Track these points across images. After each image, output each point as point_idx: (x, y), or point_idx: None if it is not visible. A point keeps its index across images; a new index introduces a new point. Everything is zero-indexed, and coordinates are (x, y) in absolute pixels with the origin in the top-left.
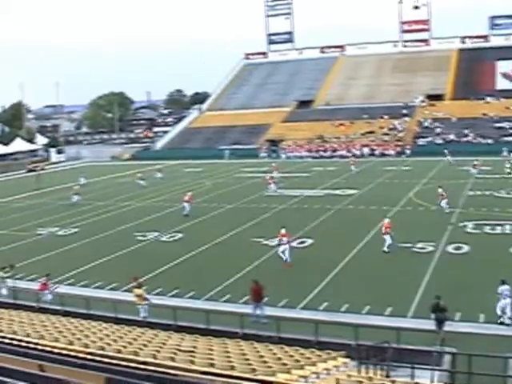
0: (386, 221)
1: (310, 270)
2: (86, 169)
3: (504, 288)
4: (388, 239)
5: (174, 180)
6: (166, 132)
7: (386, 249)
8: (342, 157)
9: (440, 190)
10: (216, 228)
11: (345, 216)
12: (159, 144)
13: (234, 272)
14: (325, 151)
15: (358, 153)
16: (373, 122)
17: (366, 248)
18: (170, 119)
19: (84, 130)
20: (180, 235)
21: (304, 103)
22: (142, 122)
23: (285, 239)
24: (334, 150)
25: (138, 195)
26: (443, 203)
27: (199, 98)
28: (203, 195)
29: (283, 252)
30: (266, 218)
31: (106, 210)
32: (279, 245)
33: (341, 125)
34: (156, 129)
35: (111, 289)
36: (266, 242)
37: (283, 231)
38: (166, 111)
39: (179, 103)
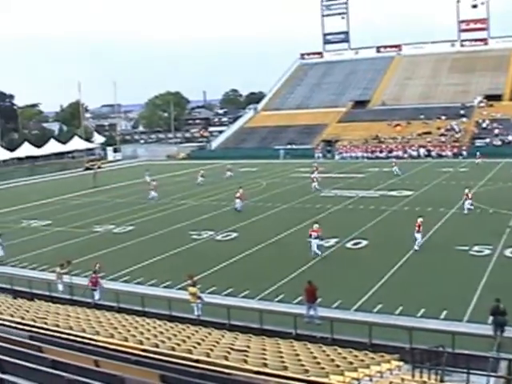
0: (419, 220)
1: (365, 271)
2: (142, 168)
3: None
4: (419, 238)
5: (230, 179)
6: (221, 131)
7: (416, 247)
8: (398, 157)
9: (466, 191)
10: (271, 228)
11: (400, 217)
12: (214, 143)
13: (288, 272)
14: (381, 152)
15: (414, 153)
16: (429, 122)
17: (422, 250)
18: (225, 119)
19: (140, 129)
20: (235, 234)
21: (360, 103)
22: (197, 121)
23: (314, 234)
24: (390, 151)
25: (194, 194)
26: (467, 203)
27: (254, 98)
28: (258, 195)
29: (314, 246)
30: (320, 218)
31: (162, 208)
32: (310, 237)
33: (397, 125)
34: (211, 128)
35: (166, 287)
36: (320, 243)
37: (316, 226)
38: (221, 111)
39: (235, 103)
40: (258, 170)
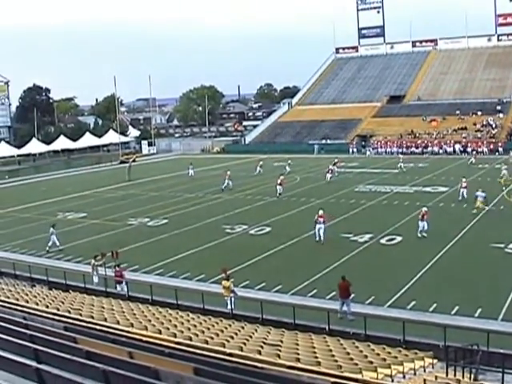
0: (424, 209)
1: (399, 267)
2: (175, 162)
3: None
4: (421, 226)
5: (263, 174)
6: (255, 126)
7: (419, 235)
8: (433, 153)
9: (464, 179)
10: (304, 222)
11: (435, 214)
12: (249, 138)
13: (321, 267)
14: (416, 147)
15: (450, 149)
16: (465, 118)
17: (457, 247)
18: (259, 113)
19: (175, 122)
20: (268, 229)
21: (395, 98)
22: (231, 115)
23: (321, 220)
24: (426, 146)
25: (228, 188)
26: (464, 191)
27: (289, 93)
28: (292, 189)
29: (319, 230)
30: (354, 213)
31: (196, 202)
32: (316, 223)
33: (432, 120)
34: (246, 123)
35: (199, 280)
36: (354, 238)
37: (321, 212)
38: (255, 105)
39: (269, 97)
40: (292, 164)
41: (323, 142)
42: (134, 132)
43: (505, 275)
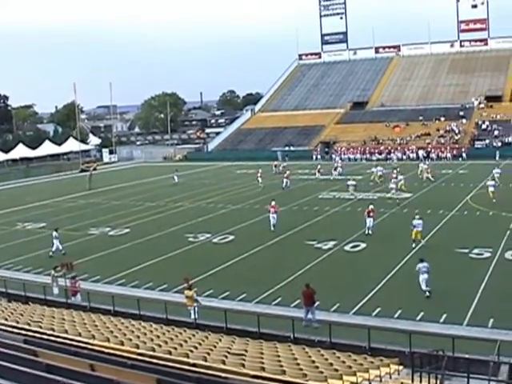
0: (370, 207)
1: (363, 274)
2: (137, 170)
3: (422, 265)
4: (368, 222)
5: (226, 181)
6: (218, 133)
7: (367, 231)
8: (397, 159)
9: (394, 171)
10: (268, 230)
11: (399, 220)
12: (211, 145)
13: (285, 275)
14: (379, 153)
15: (413, 155)
16: (429, 123)
17: (421, 253)
18: (222, 120)
19: (136, 130)
20: (231, 237)
21: (358, 104)
22: (194, 122)
23: (272, 210)
24: (389, 152)
25: (190, 196)
26: (392, 184)
27: (252, 99)
28: (255, 197)
29: (272, 220)
30: (318, 220)
31: (158, 210)
32: (269, 212)
33: (396, 127)
34: (208, 130)
35: (162, 290)
36: (318, 245)
37: (273, 203)
38: (218, 112)
39: (232, 104)
40: (256, 171)
41: (286, 148)
42: (94, 140)
43: (470, 280)
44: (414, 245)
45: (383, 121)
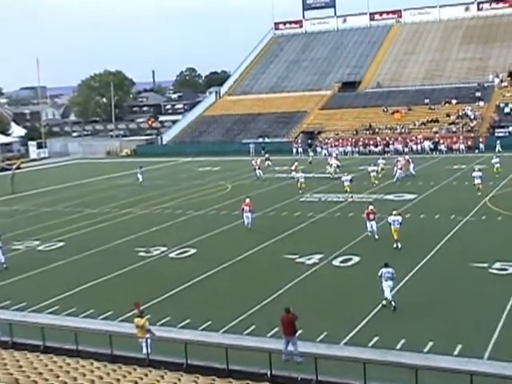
0: (370, 208)
1: (357, 294)
2: (74, 168)
3: (385, 270)
4: (369, 226)
5: (185, 182)
6: (175, 121)
7: (369, 233)
8: (397, 152)
9: (401, 159)
10: (238, 242)
11: (401, 227)
12: (167, 137)
13: (260, 297)
14: (375, 146)
15: (417, 147)
16: (437, 108)
17: (429, 268)
18: (179, 106)
19: (72, 118)
20: (193, 250)
21: (348, 85)
22: (145, 108)
23: (247, 208)
24: (387, 144)
25: (141, 200)
26: (399, 173)
27: (217, 80)
28: (222, 201)
29: (247, 219)
30: (300, 229)
31: (101, 218)
32: (243, 211)
33: (395, 112)
34: (162, 117)
35: (105, 318)
36: (300, 260)
37: (247, 200)
38: (175, 95)
39: (192, 85)
40: (222, 169)
41: (260, 140)
42: (18, 130)
43: (490, 303)
44: (395, 245)
45: (380, 105)
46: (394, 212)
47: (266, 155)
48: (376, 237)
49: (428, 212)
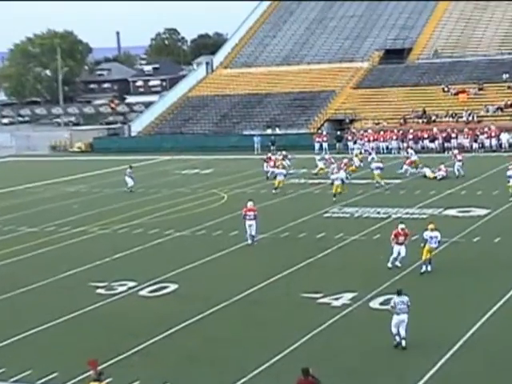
0: (400, 227)
1: (411, 346)
2: (6, 168)
3: (399, 300)
4: (397, 252)
5: (163, 190)
6: (148, 105)
7: (390, 264)
8: (462, 149)
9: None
10: (237, 274)
11: (466, 255)
12: (137, 125)
13: (268, 353)
14: (432, 140)
15: (491, 143)
16: None
17: (502, 314)
18: (155, 82)
19: (1, 98)
20: (173, 286)
21: (394, 54)
22: (106, 85)
23: (251, 214)
24: (449, 138)
25: (101, 216)
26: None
27: (208, 46)
28: (213, 216)
29: (250, 228)
30: (325, 257)
31: (43, 241)
32: (244, 219)
33: (460, 92)
34: (131, 99)
35: (48, 382)
36: (325, 301)
37: (250, 204)
38: (148, 67)
39: (173, 54)
40: (214, 172)
41: (269, 132)
42: None
43: None
44: (423, 268)
45: (438, 82)
46: (431, 226)
47: (283, 152)
48: (398, 264)
49: (505, 234)
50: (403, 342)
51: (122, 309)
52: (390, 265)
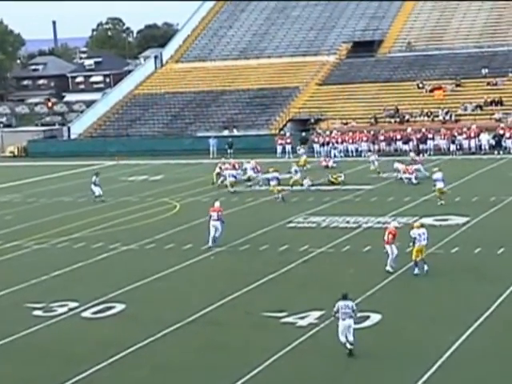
0: (392, 224)
1: (387, 365)
2: None
3: (343, 304)
4: (390, 251)
5: (108, 198)
6: (90, 104)
7: (389, 267)
8: (439, 151)
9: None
10: (192, 292)
11: (444, 267)
12: (77, 127)
13: (228, 379)
14: (406, 141)
15: (469, 144)
16: (500, 81)
17: (484, 330)
18: (97, 78)
19: None
20: (120, 306)
21: (363, 47)
22: (41, 82)
23: (215, 214)
24: (424, 139)
25: (37, 228)
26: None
27: (156, 37)
28: (165, 228)
29: (215, 230)
30: (289, 272)
31: None
32: (210, 219)
33: (436, 89)
34: (71, 96)
35: None
36: (289, 320)
37: (217, 204)
38: (89, 61)
39: (117, 46)
40: (165, 178)
41: (226, 133)
42: None
43: None
44: (416, 270)
45: (412, 78)
46: (417, 223)
47: (229, 154)
48: (390, 268)
49: (486, 244)
50: (348, 345)
51: (62, 333)
52: (388, 268)
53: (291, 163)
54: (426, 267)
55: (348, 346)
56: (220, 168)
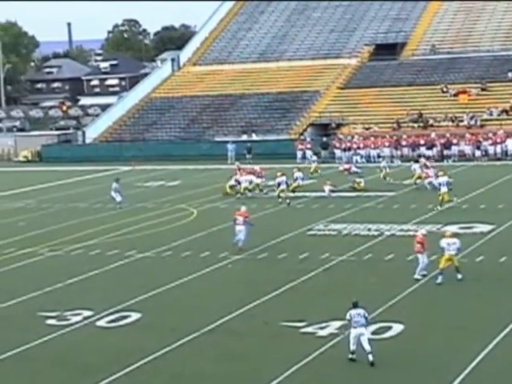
0: (420, 233)
1: (409, 377)
2: None
3: (355, 313)
4: (421, 260)
5: (123, 205)
6: (105, 107)
7: (417, 276)
8: (463, 157)
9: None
10: (209, 301)
11: (468, 277)
12: (92, 131)
13: None
14: (430, 147)
15: (492, 149)
16: None
17: (510, 341)
18: (113, 81)
19: None
20: (135, 315)
21: (386, 50)
22: (56, 85)
23: (240, 219)
24: (448, 144)
25: (51, 235)
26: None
27: (174, 39)
28: (181, 235)
29: (239, 233)
30: (308, 280)
31: None
32: (235, 223)
33: (461, 93)
34: (85, 100)
35: None
36: (309, 330)
37: (244, 209)
38: (105, 64)
39: (133, 48)
40: (181, 184)
41: (244, 137)
42: None
43: None
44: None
45: (436, 82)
46: (448, 233)
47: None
48: (419, 277)
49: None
50: (370, 357)
51: (77, 342)
52: (417, 276)
53: (293, 170)
54: (459, 276)
55: (353, 356)
56: (236, 181)
